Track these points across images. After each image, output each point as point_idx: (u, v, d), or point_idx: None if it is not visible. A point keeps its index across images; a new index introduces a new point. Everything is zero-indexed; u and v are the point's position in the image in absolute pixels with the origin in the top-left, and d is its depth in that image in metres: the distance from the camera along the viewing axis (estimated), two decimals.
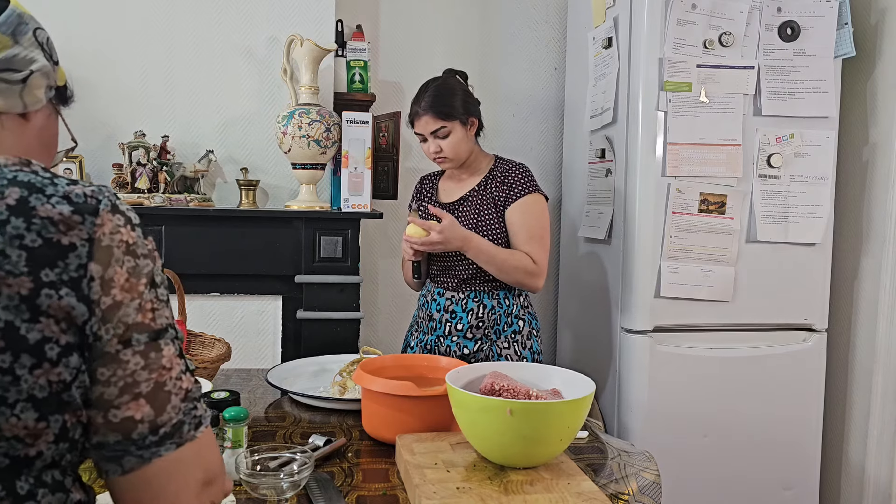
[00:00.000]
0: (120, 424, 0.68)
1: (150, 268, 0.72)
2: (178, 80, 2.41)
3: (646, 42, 2.13)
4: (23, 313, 0.63)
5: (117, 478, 0.70)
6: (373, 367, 1.47)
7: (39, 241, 0.65)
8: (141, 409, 0.69)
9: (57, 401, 0.66)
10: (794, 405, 2.27)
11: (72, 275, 0.66)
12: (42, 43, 0.79)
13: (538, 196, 1.93)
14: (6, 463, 0.64)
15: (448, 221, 1.79)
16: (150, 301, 0.71)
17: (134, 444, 0.69)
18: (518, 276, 1.87)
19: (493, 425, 1.12)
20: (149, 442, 0.69)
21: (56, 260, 0.65)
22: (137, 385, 0.69)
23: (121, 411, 0.68)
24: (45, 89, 0.80)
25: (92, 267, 0.67)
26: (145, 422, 0.69)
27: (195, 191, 2.35)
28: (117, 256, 0.69)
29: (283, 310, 2.38)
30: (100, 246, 0.68)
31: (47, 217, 0.66)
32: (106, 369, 0.68)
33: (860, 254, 2.35)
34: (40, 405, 0.65)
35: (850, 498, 2.37)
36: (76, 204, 0.68)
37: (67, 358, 0.66)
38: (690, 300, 2.19)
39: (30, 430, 0.65)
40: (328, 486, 1.15)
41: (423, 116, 1.88)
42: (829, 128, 2.22)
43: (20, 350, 0.63)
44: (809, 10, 2.18)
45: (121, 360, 0.68)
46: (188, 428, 0.72)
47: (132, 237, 0.71)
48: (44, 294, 0.64)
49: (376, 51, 2.78)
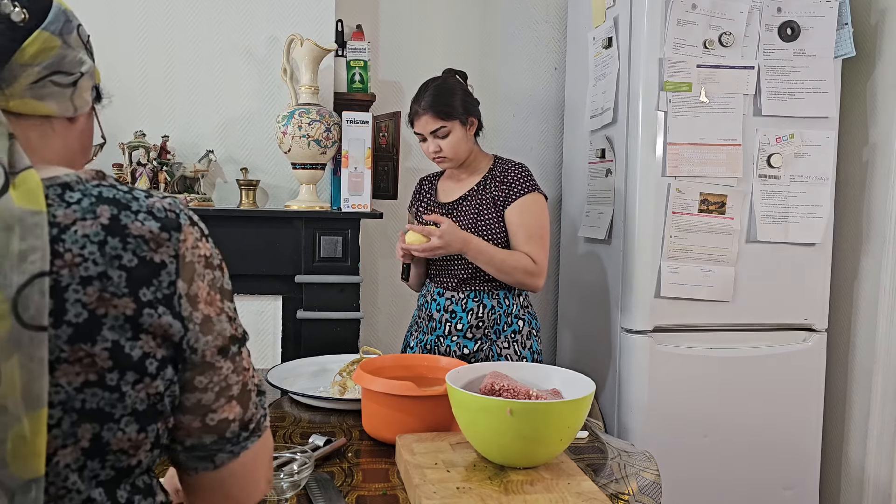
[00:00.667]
0: (216, 426, 0.73)
1: (222, 279, 0.76)
2: (178, 80, 2.41)
3: (646, 42, 2.13)
4: (126, 332, 0.65)
5: (207, 473, 0.74)
6: (373, 367, 1.47)
7: (136, 260, 0.66)
8: (233, 409, 0.74)
9: (153, 411, 0.68)
10: (794, 405, 2.27)
11: (164, 292, 0.67)
12: (85, 42, 0.77)
13: (537, 195, 1.93)
14: (112, 475, 0.67)
15: (447, 225, 1.79)
16: (229, 312, 0.75)
17: (228, 442, 0.74)
18: (518, 277, 1.87)
19: (493, 425, 1.12)
20: (241, 438, 0.75)
21: (151, 278, 0.67)
22: (230, 388, 0.73)
23: (217, 414, 0.73)
24: (91, 91, 0.79)
25: (179, 284, 0.69)
26: (236, 420, 0.74)
27: (195, 191, 2.35)
28: (199, 271, 0.71)
29: (283, 310, 2.37)
30: (184, 262, 0.70)
31: (139, 235, 0.67)
32: (203, 377, 0.71)
33: (860, 254, 2.35)
34: (141, 417, 0.67)
35: (850, 498, 2.37)
36: (161, 220, 0.69)
37: (163, 371, 0.68)
38: (690, 300, 2.19)
39: (133, 442, 0.67)
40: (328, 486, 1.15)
41: (422, 116, 1.88)
42: (829, 128, 2.22)
43: (126, 368, 0.65)
44: (809, 11, 2.18)
45: (216, 368, 0.72)
46: (263, 420, 0.78)
47: (208, 249, 0.73)
48: (146, 313, 0.66)
49: (376, 51, 2.78)
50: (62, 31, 0.71)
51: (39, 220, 0.61)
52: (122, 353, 0.65)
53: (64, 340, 0.62)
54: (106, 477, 0.67)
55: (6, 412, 0.57)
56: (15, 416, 0.57)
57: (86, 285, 0.63)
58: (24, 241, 0.59)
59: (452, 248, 1.81)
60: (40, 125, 0.72)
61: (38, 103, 0.71)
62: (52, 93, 0.72)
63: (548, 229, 1.94)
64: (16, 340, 0.58)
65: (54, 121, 0.74)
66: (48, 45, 0.70)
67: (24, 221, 0.60)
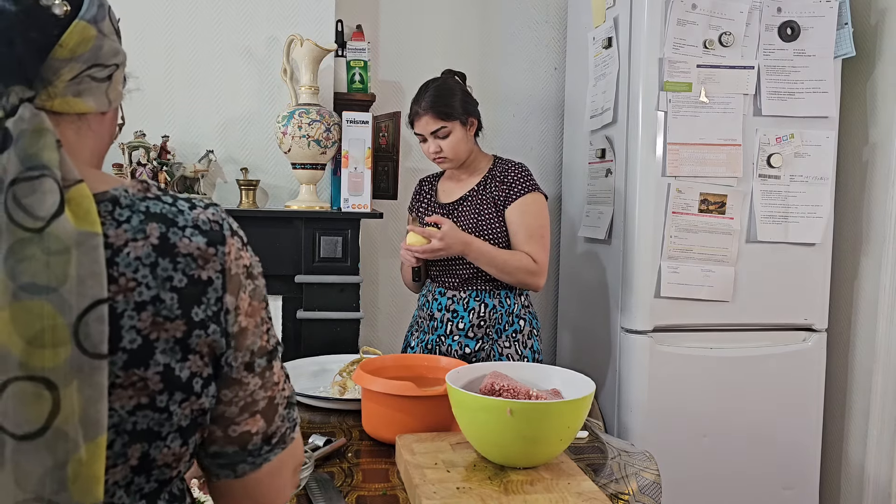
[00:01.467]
0: (238, 438, 0.72)
1: (263, 287, 0.73)
2: (177, 80, 2.41)
3: (646, 42, 2.13)
4: (176, 354, 0.64)
5: (229, 480, 0.74)
6: (373, 367, 1.47)
7: (185, 280, 0.65)
8: (256, 423, 0.72)
9: (195, 425, 0.68)
10: (794, 405, 2.27)
11: (213, 309, 0.66)
12: (116, 27, 0.70)
13: (537, 195, 1.93)
14: (154, 487, 0.67)
15: (447, 227, 1.80)
16: (266, 322, 0.73)
17: (249, 454, 0.73)
18: (520, 277, 1.87)
19: (493, 425, 1.12)
20: (263, 451, 0.73)
21: (200, 297, 0.66)
22: (256, 403, 0.72)
23: (240, 427, 0.72)
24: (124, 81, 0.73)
25: (227, 299, 0.68)
26: (259, 434, 0.73)
27: (195, 191, 2.35)
28: (242, 283, 0.70)
29: (283, 310, 2.37)
30: (230, 276, 0.68)
31: (188, 253, 0.65)
32: (229, 391, 0.70)
33: (860, 254, 2.35)
34: (184, 432, 0.67)
35: (850, 498, 2.37)
36: (207, 233, 0.67)
37: (208, 388, 0.68)
38: (690, 300, 2.19)
39: (176, 456, 0.67)
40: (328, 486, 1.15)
41: (423, 117, 1.88)
42: (829, 128, 2.22)
43: (174, 389, 0.65)
44: (809, 10, 2.18)
45: (243, 383, 0.70)
46: (289, 432, 0.76)
47: (248, 259, 0.72)
48: (195, 334, 0.65)
49: (376, 51, 2.78)
50: (97, 18, 0.66)
51: (96, 243, 0.59)
52: (172, 375, 0.64)
53: (119, 367, 0.61)
54: (149, 489, 0.67)
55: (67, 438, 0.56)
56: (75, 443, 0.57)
57: (140, 311, 0.62)
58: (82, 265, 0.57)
59: (453, 250, 1.81)
60: (76, 123, 0.68)
61: (77, 101, 0.66)
62: (89, 88, 0.67)
63: (548, 228, 1.94)
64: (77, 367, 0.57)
65: (90, 117, 0.69)
66: (86, 36, 0.64)
67: (81, 245, 0.58)
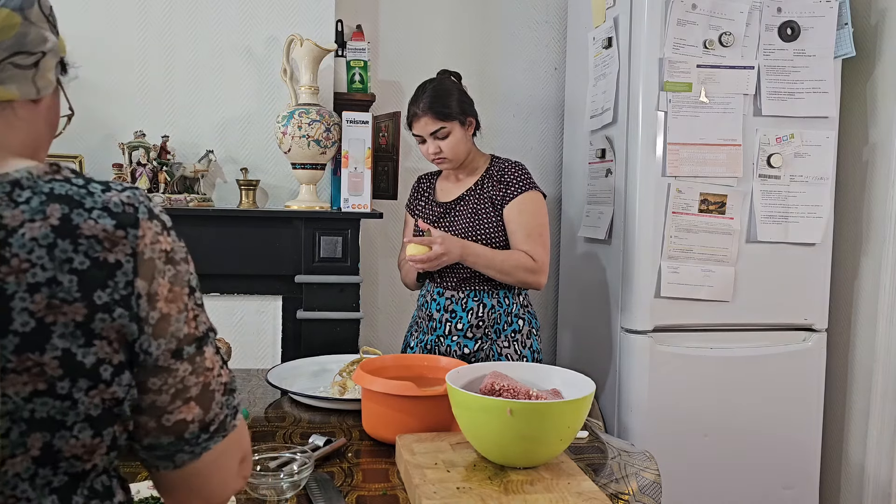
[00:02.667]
0: (173, 427, 0.70)
1: (187, 274, 0.71)
2: (177, 80, 2.41)
3: (646, 42, 2.13)
4: (78, 339, 0.62)
5: (168, 472, 0.72)
6: (373, 367, 1.47)
7: (88, 262, 0.62)
8: (192, 410, 0.70)
9: (110, 416, 0.66)
10: (794, 405, 2.27)
11: (121, 293, 0.64)
12: (48, 14, 0.71)
13: (535, 193, 1.93)
14: (65, 480, 0.65)
15: (440, 232, 1.82)
16: (192, 309, 0.71)
17: (187, 443, 0.71)
18: (520, 276, 1.87)
19: (493, 425, 1.12)
20: (201, 439, 0.71)
21: (106, 280, 0.63)
22: (188, 390, 0.70)
23: (173, 415, 0.70)
24: (56, 68, 0.73)
25: (138, 283, 0.65)
26: (195, 422, 0.71)
27: (195, 191, 2.35)
28: (159, 268, 0.67)
29: (283, 310, 2.37)
30: (143, 259, 0.66)
31: (92, 235, 0.63)
32: (157, 379, 0.68)
33: (860, 254, 2.35)
34: (95, 423, 0.65)
35: (850, 497, 2.37)
36: (117, 216, 0.65)
37: (120, 377, 0.66)
38: (690, 300, 2.19)
39: (87, 448, 0.65)
40: (328, 486, 1.15)
41: (422, 118, 1.88)
42: (829, 128, 2.22)
43: (78, 375, 0.63)
44: (809, 11, 2.18)
45: (171, 370, 0.69)
46: (230, 419, 0.74)
47: (169, 243, 0.69)
48: (98, 318, 0.63)
49: (376, 51, 2.78)
50: (22, 6, 0.66)
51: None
52: (73, 360, 0.62)
53: (10, 350, 0.59)
54: (59, 483, 0.64)
55: None
56: None
57: (33, 293, 0.60)
58: None
59: (453, 255, 1.82)
60: (2, 111, 0.68)
61: None
62: (12, 75, 0.67)
63: (547, 226, 1.94)
64: None
65: (17, 105, 0.69)
66: (8, 24, 0.65)
67: None
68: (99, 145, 2.35)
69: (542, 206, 1.94)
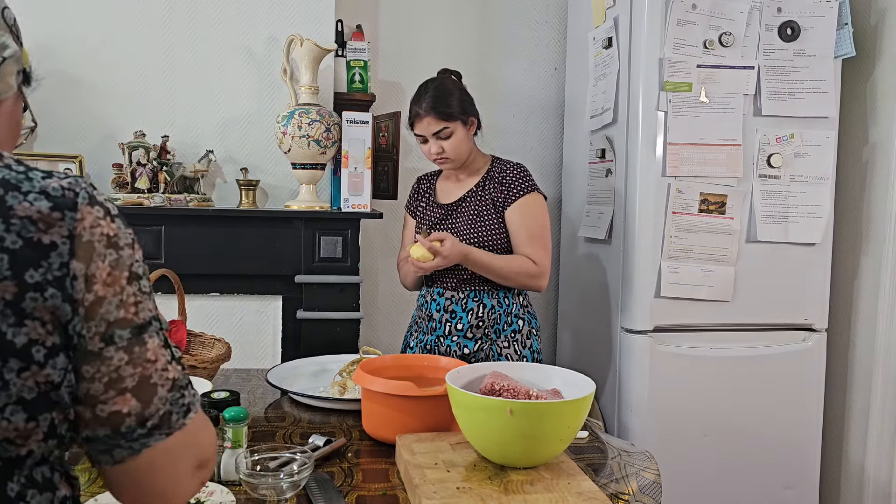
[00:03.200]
0: (108, 419, 0.68)
1: (131, 259, 0.70)
2: (177, 79, 2.41)
3: (646, 42, 2.13)
4: (8, 318, 0.62)
5: (110, 467, 0.70)
6: (373, 367, 1.47)
7: (20, 242, 0.62)
8: (127, 403, 0.68)
9: (45, 400, 0.65)
10: (794, 405, 2.27)
11: (55, 274, 0.64)
12: (11, 24, 0.73)
13: (537, 195, 1.93)
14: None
15: (449, 243, 1.80)
16: (133, 295, 0.69)
17: (123, 437, 0.69)
18: (521, 280, 1.87)
19: (493, 425, 1.12)
20: (137, 434, 0.69)
21: (39, 260, 0.63)
22: (122, 380, 0.68)
23: (108, 406, 0.68)
24: (16, 75, 0.75)
25: (74, 265, 0.65)
26: (132, 415, 0.69)
27: (195, 191, 2.35)
28: (99, 251, 0.67)
29: (283, 310, 2.37)
30: (81, 242, 0.66)
31: (26, 216, 0.63)
32: (90, 366, 0.67)
33: (860, 254, 2.35)
34: (29, 406, 0.64)
35: (850, 497, 2.37)
36: (54, 199, 0.65)
37: (54, 359, 0.65)
38: (690, 300, 2.19)
39: (20, 432, 0.64)
40: (328, 486, 1.15)
41: (424, 118, 1.88)
42: (829, 128, 2.22)
43: (7, 355, 0.62)
44: (809, 11, 2.18)
45: (104, 357, 0.67)
46: (177, 417, 0.72)
47: (112, 229, 0.69)
48: (28, 297, 0.63)
49: (376, 51, 2.78)
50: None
51: None
52: (2, 339, 0.61)
53: None
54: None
55: None
56: None
57: None
58: None
59: (452, 262, 1.82)
60: None
61: None
62: None
63: (548, 229, 1.94)
64: None
65: None
66: None
67: None
68: (99, 145, 2.35)
69: (544, 208, 1.94)
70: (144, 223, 2.22)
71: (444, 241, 1.80)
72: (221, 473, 1.17)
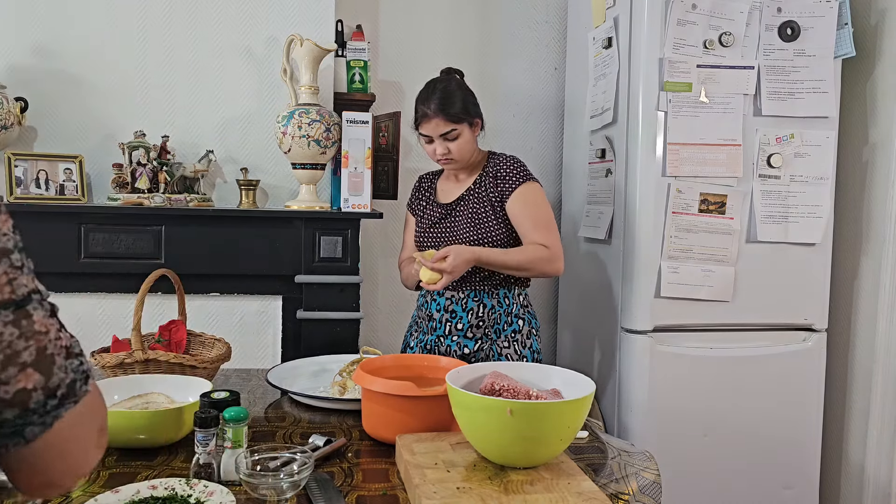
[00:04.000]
0: (14, 398, 0.66)
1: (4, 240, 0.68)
2: (177, 79, 2.41)
3: (646, 42, 2.13)
4: None
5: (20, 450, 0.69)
6: (373, 367, 1.47)
7: None
8: (30, 378, 0.67)
9: None
10: (794, 405, 2.27)
11: None
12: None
13: (533, 184, 1.93)
14: None
15: (452, 258, 1.75)
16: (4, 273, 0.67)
17: (34, 413, 0.67)
18: (539, 267, 1.86)
19: (493, 425, 1.12)
20: (49, 407, 0.68)
21: None
22: (19, 355, 0.67)
23: (11, 385, 0.66)
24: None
25: None
26: (38, 389, 0.67)
27: (195, 191, 2.35)
28: None
29: (283, 310, 2.37)
30: None
31: None
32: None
33: (860, 254, 2.35)
34: None
35: (850, 497, 2.37)
36: None
37: None
38: (690, 300, 2.19)
39: None
40: (328, 486, 1.15)
41: (432, 119, 1.87)
42: (829, 128, 2.22)
43: None
44: (809, 11, 2.18)
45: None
46: (80, 384, 0.71)
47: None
48: None
49: (376, 51, 2.78)
50: None
51: None
52: None
53: None
54: None
55: None
56: None
57: None
58: None
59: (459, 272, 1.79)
60: None
61: None
62: None
63: (552, 214, 1.94)
64: None
65: None
66: None
67: None
68: (99, 145, 2.35)
69: (543, 195, 1.94)
70: (144, 223, 2.22)
71: (447, 256, 1.77)
72: (221, 473, 1.17)
